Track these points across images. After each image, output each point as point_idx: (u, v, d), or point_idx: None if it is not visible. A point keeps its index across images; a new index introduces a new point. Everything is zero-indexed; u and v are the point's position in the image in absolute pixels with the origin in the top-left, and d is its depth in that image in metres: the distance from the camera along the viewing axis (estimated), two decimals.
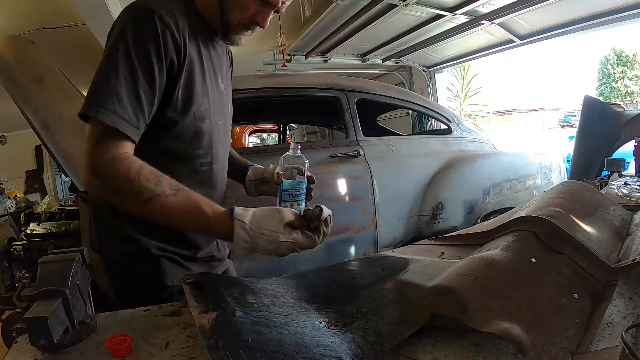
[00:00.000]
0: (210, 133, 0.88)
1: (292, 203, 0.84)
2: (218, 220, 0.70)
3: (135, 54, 0.71)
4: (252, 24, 0.87)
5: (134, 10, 0.75)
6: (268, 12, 0.86)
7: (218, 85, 0.91)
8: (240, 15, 0.84)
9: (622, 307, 0.60)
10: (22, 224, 1.93)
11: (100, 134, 0.70)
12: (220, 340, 0.50)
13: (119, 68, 0.70)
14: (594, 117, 2.11)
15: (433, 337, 0.55)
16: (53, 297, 0.53)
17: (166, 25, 0.74)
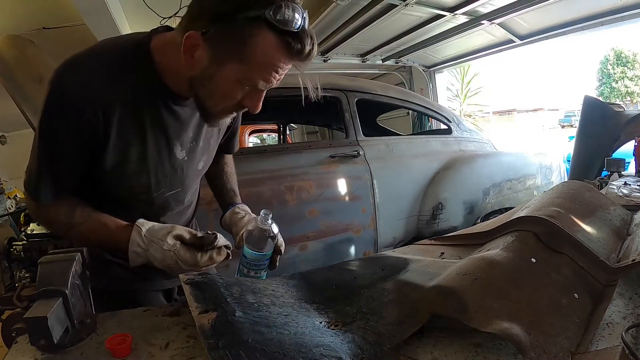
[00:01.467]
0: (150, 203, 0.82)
1: (249, 270, 0.80)
2: (120, 231, 0.75)
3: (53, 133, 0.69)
4: (239, 108, 0.73)
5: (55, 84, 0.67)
6: (260, 96, 0.71)
7: (172, 157, 0.79)
8: (223, 104, 0.71)
9: (622, 307, 0.60)
10: (22, 224, 1.93)
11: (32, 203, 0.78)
12: (220, 340, 0.50)
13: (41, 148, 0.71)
14: (594, 117, 2.11)
15: (433, 337, 0.55)
16: (53, 297, 0.53)
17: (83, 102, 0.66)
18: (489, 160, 2.56)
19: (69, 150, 0.71)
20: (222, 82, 0.67)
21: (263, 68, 0.66)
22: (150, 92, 0.72)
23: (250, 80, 0.67)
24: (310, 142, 3.46)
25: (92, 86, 0.67)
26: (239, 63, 0.65)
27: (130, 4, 3.03)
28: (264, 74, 0.66)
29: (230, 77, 0.66)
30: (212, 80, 0.67)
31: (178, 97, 0.75)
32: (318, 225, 1.97)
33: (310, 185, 1.97)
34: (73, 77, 0.68)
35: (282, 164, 1.98)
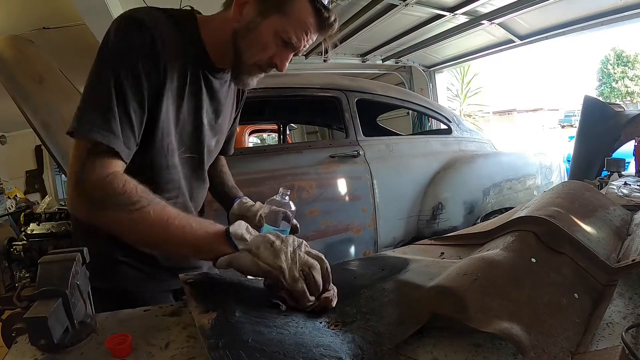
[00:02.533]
0: (179, 167, 0.84)
1: None
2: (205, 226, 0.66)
3: (123, 71, 0.68)
4: (269, 66, 0.80)
5: (122, 24, 0.70)
6: (288, 54, 0.79)
7: (199, 120, 0.84)
8: (258, 56, 0.78)
9: (622, 307, 0.60)
10: (22, 224, 1.93)
11: (91, 153, 0.66)
12: (220, 340, 0.50)
13: (110, 85, 0.67)
14: (594, 117, 2.11)
15: (433, 337, 0.55)
16: (53, 297, 0.53)
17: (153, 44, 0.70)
18: (489, 160, 2.57)
19: (139, 84, 0.70)
20: (263, 32, 0.76)
21: (298, 25, 0.75)
22: (195, 57, 0.79)
23: (286, 33, 0.75)
24: (310, 142, 3.46)
25: (162, 31, 0.72)
26: (280, 16, 0.75)
27: (131, 4, 3.04)
28: (297, 31, 0.76)
29: (270, 28, 0.75)
30: (254, 31, 0.76)
31: (215, 69, 0.83)
32: (318, 225, 1.97)
33: (310, 185, 1.97)
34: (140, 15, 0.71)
35: (282, 164, 1.98)
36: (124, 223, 0.65)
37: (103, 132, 0.66)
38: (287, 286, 0.61)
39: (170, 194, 0.84)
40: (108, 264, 0.84)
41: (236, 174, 1.14)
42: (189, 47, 0.78)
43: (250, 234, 0.65)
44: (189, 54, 0.78)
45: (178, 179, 0.85)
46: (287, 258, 0.61)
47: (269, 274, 0.61)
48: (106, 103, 0.67)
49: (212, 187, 1.08)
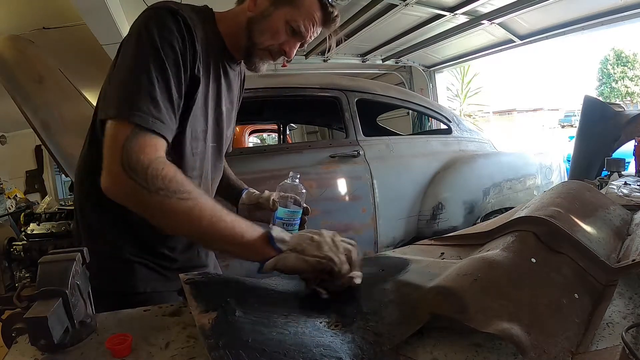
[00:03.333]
0: (203, 155, 0.86)
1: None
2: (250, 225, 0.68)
3: (164, 55, 0.70)
4: (278, 53, 0.86)
5: (158, 12, 0.73)
6: (296, 43, 0.86)
7: (219, 109, 0.89)
8: (270, 41, 0.84)
9: (622, 307, 0.60)
10: (22, 224, 1.93)
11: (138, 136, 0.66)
12: (220, 340, 0.50)
13: (150, 69, 0.68)
14: (594, 117, 2.11)
15: (433, 337, 0.55)
16: (53, 297, 0.53)
17: (189, 29, 0.74)
18: (489, 160, 2.57)
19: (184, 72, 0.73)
20: (275, 20, 0.83)
21: (307, 16, 0.83)
22: (217, 47, 0.85)
23: (296, 22, 0.83)
24: (310, 142, 3.46)
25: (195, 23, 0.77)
26: (291, 7, 0.82)
27: (130, 4, 3.04)
28: (306, 22, 0.83)
29: (282, 17, 0.82)
30: (268, 18, 0.83)
31: (232, 60, 0.89)
32: (318, 225, 1.96)
33: (310, 185, 1.97)
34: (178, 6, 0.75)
35: (282, 164, 1.98)
36: (170, 210, 0.64)
37: (150, 117, 0.67)
38: (337, 270, 0.64)
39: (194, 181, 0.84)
40: (119, 264, 0.83)
41: (236, 174, 1.14)
42: (211, 38, 0.83)
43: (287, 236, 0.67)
44: (212, 45, 0.83)
45: (201, 166, 0.87)
46: (330, 248, 0.66)
47: (319, 265, 0.64)
48: (149, 88, 0.68)
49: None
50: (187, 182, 0.66)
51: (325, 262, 0.64)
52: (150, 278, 0.85)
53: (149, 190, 0.63)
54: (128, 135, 0.65)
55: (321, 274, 0.65)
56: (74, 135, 1.54)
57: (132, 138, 0.65)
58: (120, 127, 0.66)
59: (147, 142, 0.66)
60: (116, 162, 0.64)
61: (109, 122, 0.68)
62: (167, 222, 0.66)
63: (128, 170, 0.64)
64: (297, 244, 0.66)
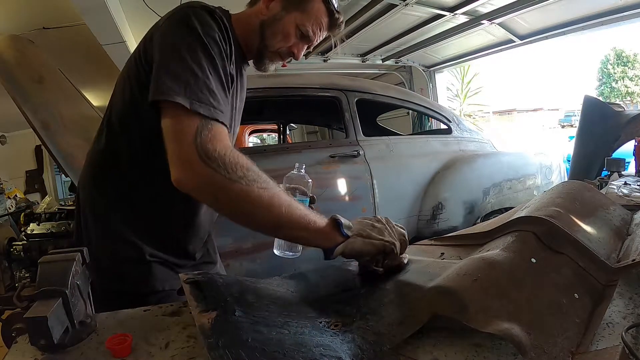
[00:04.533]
0: None
1: None
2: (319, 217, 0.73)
3: (212, 49, 0.73)
4: (287, 54, 0.91)
5: (197, 10, 0.76)
6: (303, 46, 0.91)
7: (235, 108, 0.93)
8: (280, 44, 0.88)
9: (622, 307, 0.60)
10: (22, 224, 1.93)
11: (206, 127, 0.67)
12: (220, 340, 0.50)
13: (202, 61, 0.71)
14: (594, 117, 2.11)
15: (433, 337, 0.55)
16: (53, 297, 0.53)
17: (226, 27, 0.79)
18: (489, 160, 2.56)
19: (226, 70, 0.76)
20: (286, 24, 0.87)
21: (315, 21, 0.88)
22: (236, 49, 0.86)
23: (305, 27, 0.88)
24: (310, 142, 3.46)
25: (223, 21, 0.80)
26: (300, 13, 0.87)
27: (130, 4, 3.04)
28: (314, 27, 0.89)
29: (292, 21, 0.87)
30: (279, 22, 0.87)
31: (245, 60, 0.94)
32: None
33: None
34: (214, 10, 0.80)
35: (282, 164, 1.98)
36: (252, 198, 0.65)
37: (212, 107, 0.68)
38: (396, 252, 0.73)
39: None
40: (138, 265, 0.83)
41: None
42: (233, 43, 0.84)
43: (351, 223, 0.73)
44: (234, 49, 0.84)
45: None
46: (390, 233, 0.74)
47: (384, 248, 0.72)
48: (205, 79, 0.70)
49: None
50: (261, 172, 0.69)
51: (388, 245, 0.72)
52: (168, 277, 0.85)
53: (230, 179, 0.64)
54: (198, 125, 0.66)
55: (381, 255, 0.72)
56: (74, 135, 1.54)
57: (204, 128, 0.66)
58: (186, 118, 0.67)
59: (218, 132, 0.68)
60: (191, 152, 0.64)
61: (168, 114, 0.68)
62: (244, 209, 0.67)
63: (206, 159, 0.64)
64: (361, 229, 0.73)
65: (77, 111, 1.68)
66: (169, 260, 0.86)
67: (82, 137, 1.50)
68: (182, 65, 0.69)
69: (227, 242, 1.71)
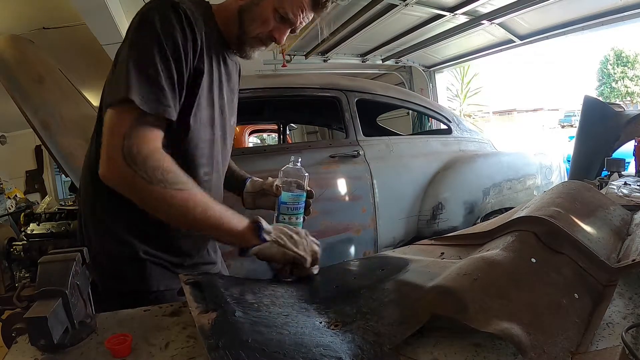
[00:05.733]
0: (212, 143, 0.88)
1: (290, 216, 0.86)
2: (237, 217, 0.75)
3: (166, 46, 0.73)
4: (268, 39, 0.89)
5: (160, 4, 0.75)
6: (285, 30, 0.88)
7: (222, 98, 0.91)
8: (259, 29, 0.86)
9: (622, 307, 0.60)
10: (22, 224, 1.93)
11: (139, 124, 0.68)
12: (220, 340, 0.50)
13: (154, 58, 0.71)
14: (594, 117, 2.11)
15: (433, 337, 0.55)
16: (53, 297, 0.53)
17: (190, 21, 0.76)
18: (489, 160, 2.56)
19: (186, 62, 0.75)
20: (264, 8, 0.84)
21: (294, 2, 0.84)
22: (216, 38, 0.86)
23: (283, 9, 0.84)
24: (310, 142, 3.46)
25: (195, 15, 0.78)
26: None
27: (130, 4, 3.04)
28: (293, 8, 0.84)
29: (269, 4, 0.84)
30: (257, 7, 0.84)
31: (229, 49, 0.91)
32: (318, 225, 1.97)
33: (310, 185, 1.97)
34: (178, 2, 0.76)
35: (282, 164, 1.97)
36: (168, 200, 0.69)
37: (153, 102, 0.69)
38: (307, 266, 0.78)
39: (205, 169, 0.88)
40: (133, 264, 0.83)
41: None
42: (210, 29, 0.84)
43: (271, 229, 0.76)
44: (211, 36, 0.84)
45: (210, 154, 0.89)
46: (304, 247, 0.78)
47: (293, 259, 0.77)
48: (154, 75, 0.70)
49: None
50: (183, 174, 0.71)
51: (299, 258, 0.77)
52: (164, 276, 0.85)
53: (149, 182, 0.67)
54: (130, 124, 0.68)
55: (289, 266, 0.78)
56: (74, 135, 1.54)
57: (134, 127, 0.68)
58: (122, 114, 0.69)
59: (147, 132, 0.69)
60: (117, 150, 0.67)
61: (109, 109, 0.70)
62: (162, 211, 0.71)
63: (129, 160, 0.67)
64: (279, 237, 0.76)
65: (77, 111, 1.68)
66: (163, 258, 0.85)
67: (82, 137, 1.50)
68: (133, 64, 0.70)
69: None
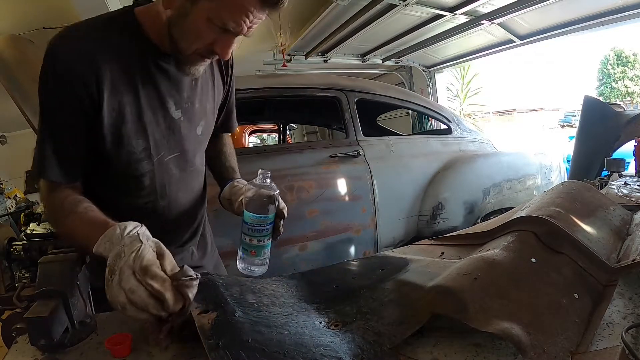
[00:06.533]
0: (152, 173, 0.81)
1: (252, 238, 0.75)
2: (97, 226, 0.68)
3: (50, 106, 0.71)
4: (210, 54, 0.74)
5: (45, 60, 0.70)
6: (230, 40, 0.72)
7: (167, 116, 0.80)
8: (195, 45, 0.72)
9: (622, 307, 0.60)
10: (22, 224, 1.93)
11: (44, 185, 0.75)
12: (220, 340, 0.50)
13: (43, 124, 0.72)
14: (594, 117, 2.11)
15: (433, 337, 0.55)
16: (53, 297, 0.53)
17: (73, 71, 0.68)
18: (489, 160, 2.56)
19: (68, 119, 0.71)
20: (195, 19, 0.69)
21: (233, 8, 0.67)
22: (139, 51, 0.75)
23: (220, 19, 0.68)
24: (310, 142, 3.46)
25: (82, 50, 0.70)
26: (209, 1, 0.67)
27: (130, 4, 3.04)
28: (234, 15, 0.67)
29: (202, 14, 0.68)
30: (186, 18, 0.69)
31: (166, 55, 0.76)
32: (318, 225, 1.97)
33: (310, 185, 1.97)
34: (63, 44, 0.70)
35: (282, 164, 1.98)
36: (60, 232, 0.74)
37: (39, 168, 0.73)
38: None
39: (145, 199, 0.83)
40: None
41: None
42: (129, 44, 0.74)
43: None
44: (132, 51, 0.74)
45: (152, 184, 0.82)
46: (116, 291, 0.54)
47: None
48: (41, 142, 0.72)
49: (210, 167, 1.04)
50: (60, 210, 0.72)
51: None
52: None
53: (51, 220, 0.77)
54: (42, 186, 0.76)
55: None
56: None
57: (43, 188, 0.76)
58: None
59: (46, 186, 0.75)
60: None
61: None
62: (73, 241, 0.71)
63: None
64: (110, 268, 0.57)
65: None
66: None
67: None
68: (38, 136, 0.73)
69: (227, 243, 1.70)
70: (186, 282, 0.54)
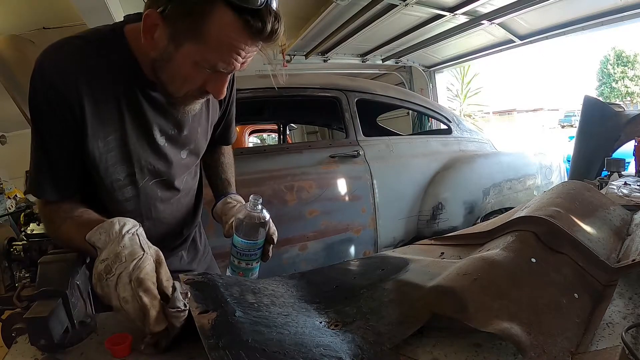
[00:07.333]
0: (137, 198, 0.80)
1: (240, 260, 0.76)
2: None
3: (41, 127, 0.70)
4: (203, 94, 0.71)
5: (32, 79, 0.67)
6: (223, 80, 0.68)
7: (153, 143, 0.77)
8: (185, 88, 0.69)
9: (622, 307, 0.60)
10: (22, 224, 1.93)
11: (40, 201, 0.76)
12: (220, 340, 0.50)
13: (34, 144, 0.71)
14: (594, 117, 2.11)
15: (433, 337, 0.55)
16: (53, 297, 0.53)
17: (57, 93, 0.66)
18: (489, 160, 2.57)
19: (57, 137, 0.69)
20: (180, 64, 0.65)
21: (221, 49, 0.63)
22: (126, 77, 0.71)
23: (208, 61, 0.64)
24: (310, 142, 3.46)
25: (67, 72, 0.66)
26: (195, 43, 0.62)
27: (130, 4, 3.03)
28: (223, 56, 0.63)
29: (187, 58, 0.64)
30: (171, 62, 0.66)
31: (154, 83, 0.72)
32: (318, 225, 1.97)
33: (310, 185, 1.97)
34: (50, 61, 0.67)
35: (282, 164, 1.98)
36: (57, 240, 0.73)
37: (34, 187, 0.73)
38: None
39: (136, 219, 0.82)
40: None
41: (236, 175, 1.13)
42: (119, 68, 0.70)
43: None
44: (118, 77, 0.70)
45: (138, 208, 0.81)
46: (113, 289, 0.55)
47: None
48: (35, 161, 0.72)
49: (207, 177, 1.03)
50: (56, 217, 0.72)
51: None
52: None
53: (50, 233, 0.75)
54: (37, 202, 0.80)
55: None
56: None
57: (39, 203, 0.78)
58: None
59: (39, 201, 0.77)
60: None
61: None
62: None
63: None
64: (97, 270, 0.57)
65: None
66: None
67: None
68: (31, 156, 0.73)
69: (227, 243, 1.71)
70: (172, 313, 0.54)
